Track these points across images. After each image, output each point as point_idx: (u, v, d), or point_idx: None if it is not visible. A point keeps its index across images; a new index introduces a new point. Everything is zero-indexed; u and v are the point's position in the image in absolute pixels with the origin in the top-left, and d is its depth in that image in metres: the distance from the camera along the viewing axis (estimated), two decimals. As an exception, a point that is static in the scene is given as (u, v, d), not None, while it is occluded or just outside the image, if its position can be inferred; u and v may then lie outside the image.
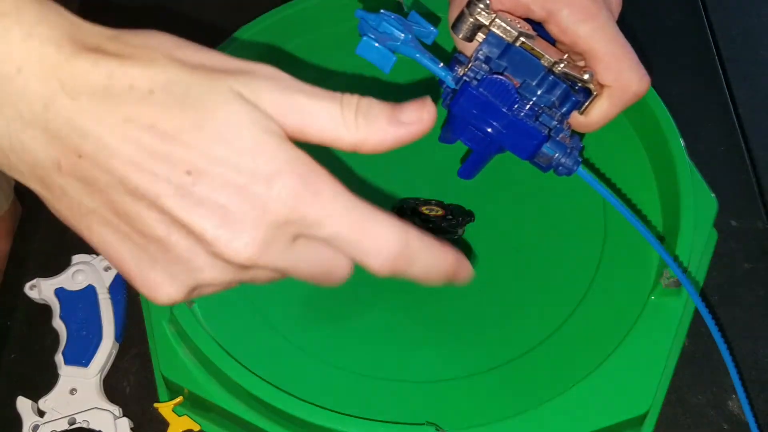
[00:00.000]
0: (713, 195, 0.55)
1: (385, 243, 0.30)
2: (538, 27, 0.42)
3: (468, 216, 0.54)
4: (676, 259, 0.49)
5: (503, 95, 0.37)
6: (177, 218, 0.28)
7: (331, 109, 0.30)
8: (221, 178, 0.28)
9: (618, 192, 0.56)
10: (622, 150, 0.57)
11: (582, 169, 0.40)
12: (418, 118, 0.31)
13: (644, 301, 0.49)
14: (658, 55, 0.66)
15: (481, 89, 0.37)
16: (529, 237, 0.55)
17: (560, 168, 0.39)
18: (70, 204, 0.30)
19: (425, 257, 0.32)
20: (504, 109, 0.37)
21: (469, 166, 0.43)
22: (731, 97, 0.64)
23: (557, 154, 0.39)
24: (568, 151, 0.39)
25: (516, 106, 0.37)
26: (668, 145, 0.53)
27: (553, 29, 0.42)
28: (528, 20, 0.42)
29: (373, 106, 0.30)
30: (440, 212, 0.53)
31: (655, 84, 0.55)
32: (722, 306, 0.53)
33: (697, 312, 0.52)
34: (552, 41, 0.43)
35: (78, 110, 0.27)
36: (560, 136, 0.39)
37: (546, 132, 0.38)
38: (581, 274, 0.52)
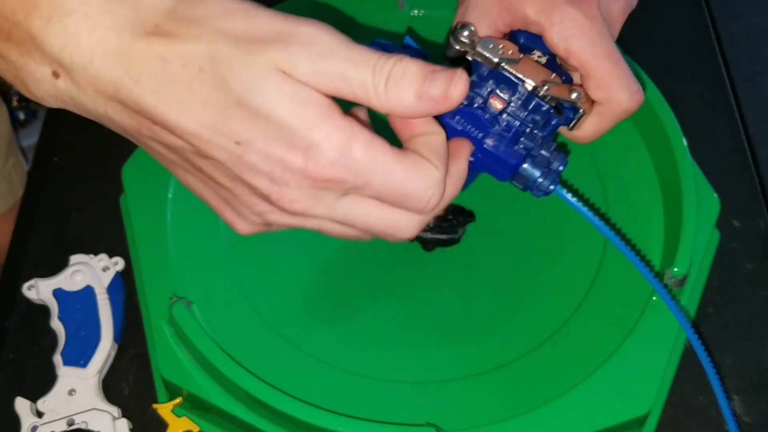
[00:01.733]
0: (716, 195, 0.54)
1: (427, 196, 0.33)
2: (538, 39, 0.43)
3: (468, 216, 0.54)
4: (677, 258, 0.48)
5: (477, 125, 0.38)
6: (237, 176, 0.33)
7: (363, 76, 0.31)
8: (264, 149, 0.31)
9: (621, 191, 0.56)
10: (625, 149, 0.57)
11: (560, 189, 0.40)
12: (444, 94, 0.32)
13: (646, 302, 0.49)
14: (661, 54, 0.66)
15: (457, 117, 0.38)
16: (530, 237, 0.54)
17: (535, 190, 0.40)
18: (157, 155, 0.35)
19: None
20: (478, 137, 0.38)
21: None
22: (735, 97, 0.64)
23: (534, 176, 0.39)
24: (546, 171, 0.39)
25: (490, 134, 0.39)
26: (671, 144, 0.53)
27: (548, 42, 0.42)
28: (529, 32, 0.43)
29: (406, 74, 0.32)
30: (441, 212, 0.52)
31: (658, 83, 0.55)
32: (724, 307, 0.53)
33: (698, 313, 0.52)
34: (552, 53, 0.43)
35: (142, 91, 0.31)
36: (539, 158, 0.39)
37: (523, 155, 0.39)
38: (582, 274, 0.52)
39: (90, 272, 0.53)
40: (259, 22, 0.31)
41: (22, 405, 0.49)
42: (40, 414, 0.49)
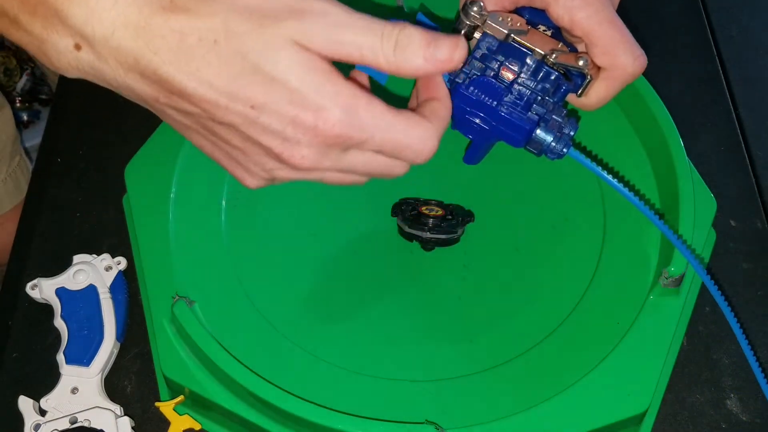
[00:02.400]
0: (712, 195, 0.55)
1: (422, 147, 0.37)
2: (542, 13, 0.44)
3: (468, 216, 0.54)
4: (674, 258, 0.49)
5: (491, 93, 0.40)
6: (250, 137, 0.36)
7: (372, 44, 0.35)
8: (278, 112, 0.34)
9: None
10: (622, 149, 0.57)
11: (574, 151, 0.42)
12: (450, 57, 0.35)
13: (643, 301, 0.49)
14: (658, 54, 0.67)
15: (471, 88, 0.40)
16: (529, 237, 0.55)
17: (550, 153, 0.41)
18: (172, 121, 0.38)
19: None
20: (493, 105, 0.40)
21: (471, 154, 0.45)
22: (731, 97, 0.64)
23: (547, 140, 0.41)
24: (559, 135, 0.41)
25: (504, 101, 0.40)
26: (668, 144, 0.53)
27: (552, 15, 0.44)
28: (533, 8, 0.44)
29: (412, 40, 0.35)
30: (440, 212, 0.53)
31: (654, 84, 0.55)
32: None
33: (695, 312, 0.52)
34: (556, 27, 0.44)
35: (160, 62, 0.33)
36: (552, 122, 0.41)
37: (536, 120, 0.40)
38: (580, 273, 0.53)
39: (93, 272, 0.54)
40: None
41: (25, 403, 0.50)
42: (43, 412, 0.49)
